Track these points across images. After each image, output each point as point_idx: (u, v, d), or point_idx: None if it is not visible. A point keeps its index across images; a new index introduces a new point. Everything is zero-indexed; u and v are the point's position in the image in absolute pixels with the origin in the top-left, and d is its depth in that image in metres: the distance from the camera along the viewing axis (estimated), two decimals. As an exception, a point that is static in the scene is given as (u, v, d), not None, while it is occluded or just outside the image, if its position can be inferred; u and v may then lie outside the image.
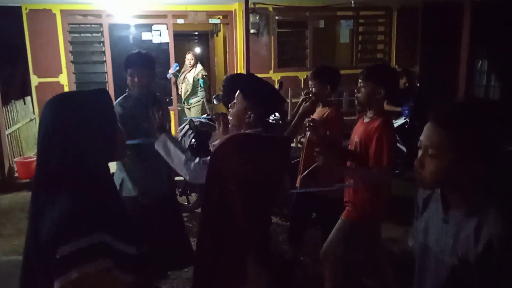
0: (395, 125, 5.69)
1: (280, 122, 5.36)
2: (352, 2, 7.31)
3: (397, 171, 5.65)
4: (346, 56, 8.77)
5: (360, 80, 2.60)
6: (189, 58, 7.57)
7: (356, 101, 2.77)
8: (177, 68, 7.65)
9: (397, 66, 7.98)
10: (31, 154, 6.77)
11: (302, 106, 3.04)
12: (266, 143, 1.20)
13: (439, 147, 1.22)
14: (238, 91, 1.83)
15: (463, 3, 5.85)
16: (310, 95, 3.14)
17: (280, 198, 4.12)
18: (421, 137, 1.28)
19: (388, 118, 2.60)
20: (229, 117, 1.76)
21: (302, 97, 3.20)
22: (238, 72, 7.70)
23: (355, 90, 2.65)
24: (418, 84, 6.64)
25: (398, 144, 5.66)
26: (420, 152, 1.28)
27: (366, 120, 2.63)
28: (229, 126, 1.87)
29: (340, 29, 8.47)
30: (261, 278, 1.19)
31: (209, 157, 1.79)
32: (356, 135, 2.65)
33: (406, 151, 5.62)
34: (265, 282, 1.20)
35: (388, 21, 8.04)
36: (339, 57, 9.44)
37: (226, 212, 1.16)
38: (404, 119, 5.63)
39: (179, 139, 4.56)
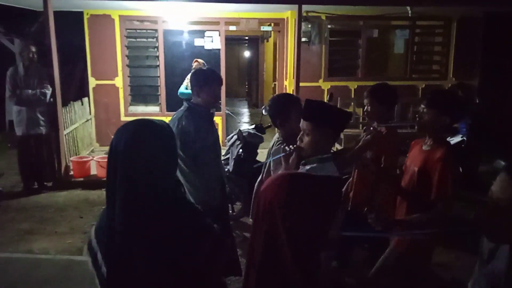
0: (452, 142, 5.44)
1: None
2: (409, 11, 7.08)
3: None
4: (400, 67, 8.49)
5: (423, 106, 2.48)
6: (195, 67, 6.34)
7: (416, 127, 2.61)
8: None
9: (454, 79, 7.65)
10: (86, 153, 7.07)
11: (363, 139, 2.76)
12: (317, 184, 1.15)
13: None
14: (305, 121, 1.80)
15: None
16: (373, 127, 2.97)
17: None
18: (493, 188, 1.18)
19: (451, 148, 2.47)
20: (291, 147, 1.75)
21: (364, 130, 3.09)
22: (287, 80, 7.67)
23: (416, 116, 2.52)
24: (477, 100, 6.30)
25: (453, 162, 5.40)
26: (491, 202, 1.18)
27: (425, 148, 2.49)
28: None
29: (395, 39, 8.22)
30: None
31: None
32: (414, 164, 2.52)
33: (461, 171, 5.34)
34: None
35: (446, 32, 7.72)
36: (392, 67, 9.16)
37: (273, 248, 1.12)
38: (461, 137, 5.35)
39: (227, 148, 4.59)
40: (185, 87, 6.49)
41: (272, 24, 8.09)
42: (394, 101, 3.11)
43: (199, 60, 6.45)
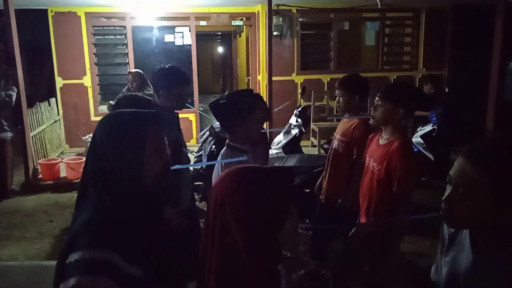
0: (423, 132, 5.51)
1: (303, 129, 5.27)
2: (378, 3, 7.12)
3: (423, 179, 5.47)
4: (372, 59, 8.57)
5: (377, 98, 2.45)
6: (130, 79, 5.40)
7: (370, 120, 2.56)
8: None
9: (424, 70, 7.77)
10: (55, 155, 6.86)
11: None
12: (268, 175, 1.11)
13: (472, 187, 1.10)
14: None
15: (495, 4, 5.62)
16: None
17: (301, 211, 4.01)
18: (452, 173, 1.15)
19: (406, 139, 2.47)
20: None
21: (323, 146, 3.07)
22: (260, 74, 7.62)
23: (371, 108, 2.50)
24: (446, 90, 6.41)
25: (424, 151, 5.47)
26: (448, 189, 1.16)
27: (382, 142, 2.48)
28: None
29: (366, 31, 8.29)
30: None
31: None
32: (373, 159, 2.50)
33: (433, 159, 5.43)
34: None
35: (415, 23, 7.82)
36: (364, 59, 9.25)
37: (229, 246, 1.08)
38: (432, 126, 5.42)
39: (200, 145, 4.52)
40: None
41: (244, 19, 8.02)
42: (365, 92, 3.06)
43: (132, 71, 5.52)
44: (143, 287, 1.20)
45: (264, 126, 3.80)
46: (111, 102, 4.94)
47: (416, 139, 5.50)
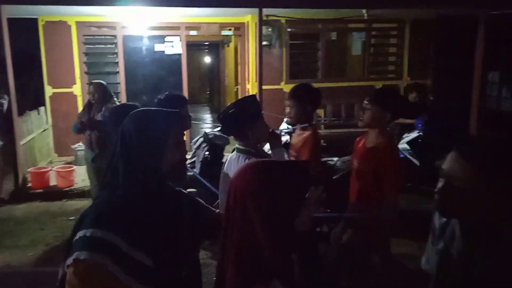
0: (409, 138, 5.67)
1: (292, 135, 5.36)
2: (365, 14, 7.33)
3: (409, 184, 5.61)
4: (358, 68, 8.77)
5: (366, 102, 2.56)
6: (91, 91, 4.66)
7: (359, 123, 2.62)
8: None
9: (409, 78, 7.97)
10: (45, 164, 6.82)
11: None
12: (285, 170, 1.20)
13: (464, 179, 1.20)
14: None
15: (477, 16, 5.85)
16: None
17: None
18: (444, 166, 1.26)
19: (393, 142, 2.59)
20: None
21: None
22: (250, 83, 7.73)
23: (360, 112, 2.60)
24: (431, 97, 6.60)
25: (410, 157, 5.62)
26: (441, 181, 1.26)
27: (369, 145, 2.58)
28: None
29: (352, 41, 8.49)
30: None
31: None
32: (360, 161, 2.59)
33: (419, 164, 5.58)
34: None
35: (400, 34, 8.04)
36: (350, 69, 9.45)
37: (248, 236, 1.16)
38: (418, 132, 5.60)
39: (193, 152, 4.58)
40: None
41: (233, 29, 8.15)
42: (317, 100, 2.95)
43: (93, 82, 4.80)
44: (152, 275, 1.24)
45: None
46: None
47: (402, 145, 5.65)
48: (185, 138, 1.48)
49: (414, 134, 5.64)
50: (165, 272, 1.30)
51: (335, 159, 4.21)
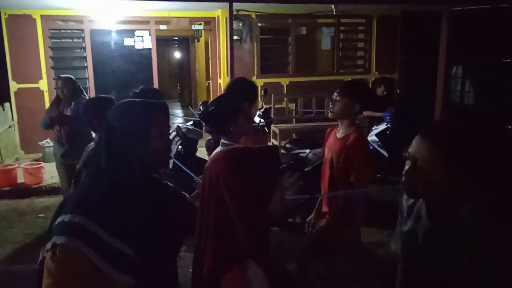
0: (377, 130, 5.84)
1: (266, 129, 5.43)
2: (334, 10, 7.46)
3: (378, 175, 5.78)
4: (327, 63, 8.92)
5: (336, 94, 2.64)
6: (60, 85, 4.49)
7: (329, 114, 2.69)
8: None
9: (377, 73, 8.18)
10: (11, 161, 6.63)
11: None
12: (256, 155, 1.26)
13: (428, 161, 1.28)
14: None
15: (440, 12, 6.05)
16: None
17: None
18: (410, 150, 1.33)
19: (362, 132, 2.68)
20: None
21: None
22: (222, 78, 7.74)
23: (330, 103, 2.69)
24: (398, 91, 6.80)
25: (379, 149, 5.80)
26: (408, 163, 1.34)
27: (340, 135, 2.67)
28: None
29: (322, 36, 8.62)
30: (262, 281, 1.23)
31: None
32: (332, 152, 2.67)
33: (387, 156, 5.76)
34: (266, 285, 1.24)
35: (368, 29, 8.23)
36: (320, 63, 9.60)
37: (224, 220, 1.21)
38: (386, 124, 5.77)
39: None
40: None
41: (203, 23, 8.12)
42: (254, 94, 2.86)
43: (62, 76, 4.63)
44: (133, 264, 1.26)
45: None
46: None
47: (371, 137, 5.82)
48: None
49: (382, 126, 5.81)
50: (149, 263, 1.31)
51: (307, 151, 4.30)
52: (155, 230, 1.35)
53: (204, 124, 2.50)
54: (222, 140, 2.31)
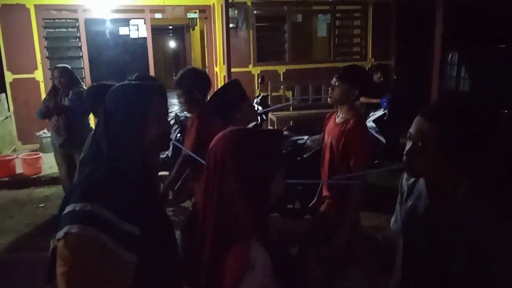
0: (374, 117, 5.86)
1: (264, 116, 5.46)
2: (329, -4, 7.44)
3: (376, 161, 5.82)
4: (324, 50, 8.91)
5: (334, 79, 2.65)
6: (56, 75, 4.50)
7: (328, 100, 2.70)
8: None
9: (373, 60, 8.19)
10: (9, 152, 6.63)
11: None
12: (261, 136, 1.29)
13: (428, 140, 1.31)
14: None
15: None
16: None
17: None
18: (411, 130, 1.36)
19: (361, 117, 2.70)
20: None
21: None
22: (218, 66, 7.72)
23: (329, 89, 2.69)
24: (395, 77, 6.82)
25: (377, 135, 5.83)
26: (409, 143, 1.37)
27: (339, 120, 2.68)
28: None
29: (318, 23, 8.60)
30: (267, 261, 1.26)
31: None
32: (331, 137, 2.69)
33: (385, 142, 5.79)
34: (270, 265, 1.28)
35: (364, 16, 8.21)
36: (316, 50, 9.58)
37: (227, 199, 1.24)
38: (383, 111, 5.80)
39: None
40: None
41: (198, 11, 8.07)
42: (206, 84, 2.80)
43: (58, 66, 4.62)
44: (140, 243, 1.29)
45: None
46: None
47: (369, 123, 5.84)
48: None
49: (379, 113, 5.84)
50: (153, 240, 1.34)
51: (305, 137, 4.33)
52: (155, 207, 1.39)
53: None
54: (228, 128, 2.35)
